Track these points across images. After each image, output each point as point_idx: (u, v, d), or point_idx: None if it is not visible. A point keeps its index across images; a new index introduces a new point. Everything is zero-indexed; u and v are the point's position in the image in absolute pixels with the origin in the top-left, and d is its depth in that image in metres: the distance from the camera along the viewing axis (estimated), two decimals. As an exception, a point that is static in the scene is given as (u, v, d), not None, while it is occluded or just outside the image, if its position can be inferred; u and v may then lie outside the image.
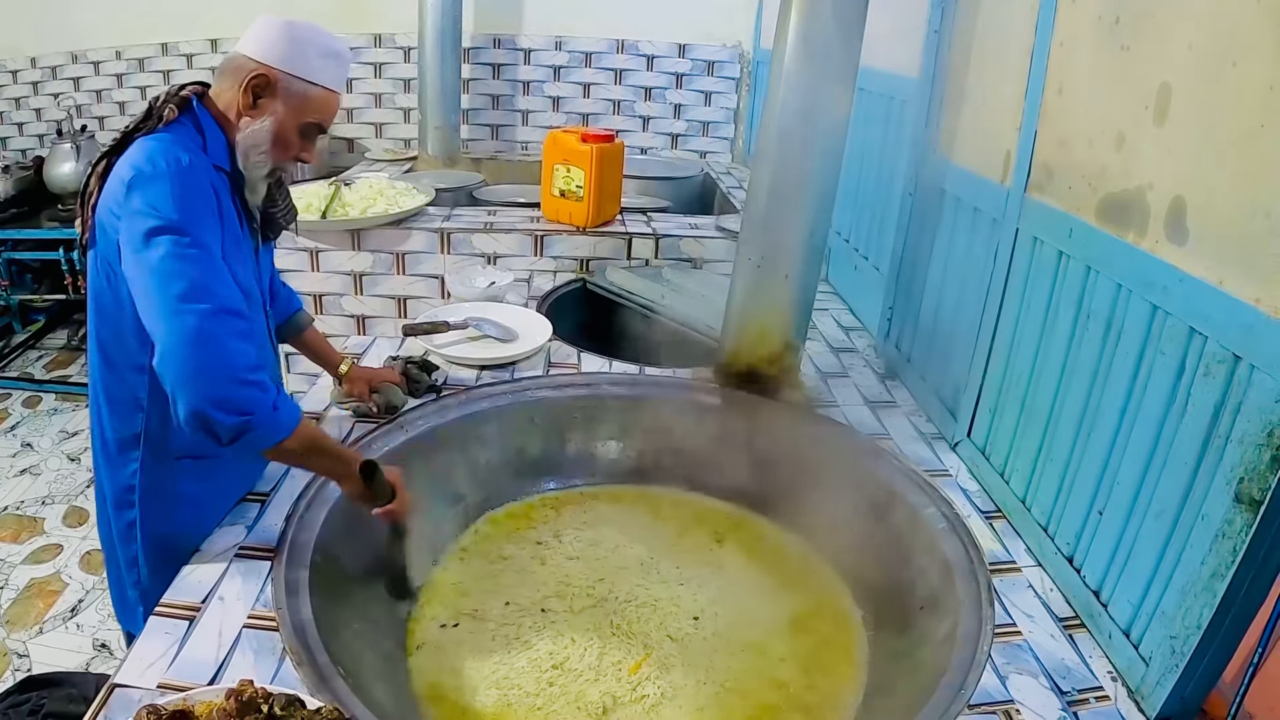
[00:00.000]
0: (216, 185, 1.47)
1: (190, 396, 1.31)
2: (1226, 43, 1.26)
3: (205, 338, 1.32)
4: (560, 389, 2.21)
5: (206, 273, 1.36)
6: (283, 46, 1.49)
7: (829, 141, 2.00)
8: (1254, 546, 1.17)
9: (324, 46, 1.52)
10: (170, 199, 1.35)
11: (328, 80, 1.54)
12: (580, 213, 3.22)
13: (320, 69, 1.52)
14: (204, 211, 1.40)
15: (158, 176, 1.36)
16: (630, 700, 1.54)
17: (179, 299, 1.32)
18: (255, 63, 1.49)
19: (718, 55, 4.84)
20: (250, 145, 1.51)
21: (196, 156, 1.43)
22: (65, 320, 5.06)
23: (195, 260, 1.35)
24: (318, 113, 1.55)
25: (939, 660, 1.46)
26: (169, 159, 1.38)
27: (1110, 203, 1.52)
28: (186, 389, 1.31)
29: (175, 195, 1.36)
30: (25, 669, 2.60)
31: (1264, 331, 1.15)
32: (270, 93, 1.50)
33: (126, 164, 1.39)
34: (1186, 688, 1.30)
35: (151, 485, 1.60)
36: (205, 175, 1.43)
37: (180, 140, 1.44)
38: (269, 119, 1.50)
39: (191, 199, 1.38)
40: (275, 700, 1.07)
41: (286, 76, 1.49)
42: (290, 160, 1.58)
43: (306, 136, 1.57)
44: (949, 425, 2.11)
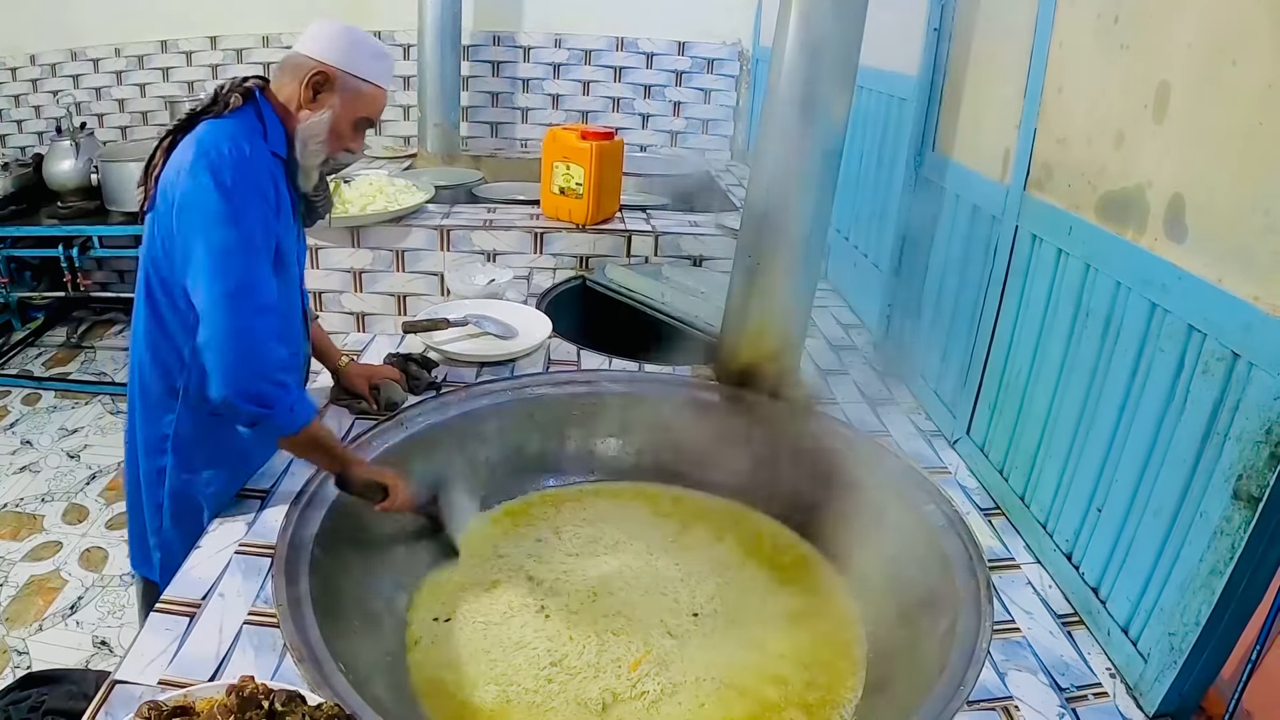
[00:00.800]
0: (274, 172, 1.61)
1: (223, 384, 1.49)
2: (1225, 41, 1.26)
3: (246, 337, 1.49)
4: (560, 386, 2.21)
5: (252, 270, 1.51)
6: (341, 47, 1.63)
7: (828, 139, 2.00)
8: (1252, 543, 1.18)
9: (375, 48, 1.68)
10: (231, 187, 1.49)
11: (378, 78, 1.68)
12: (580, 210, 3.22)
13: (372, 68, 1.67)
14: (259, 202, 1.54)
15: (222, 162, 1.49)
16: (630, 697, 1.54)
17: (228, 296, 1.48)
18: (315, 61, 1.63)
19: (717, 53, 4.83)
20: (309, 135, 1.65)
21: (257, 145, 1.57)
22: (64, 318, 5.06)
23: (244, 256, 1.50)
24: (368, 108, 1.69)
25: (938, 657, 1.46)
26: (233, 146, 1.51)
27: (1109, 200, 1.52)
28: (221, 377, 1.49)
29: (236, 184, 1.49)
30: (25, 666, 2.60)
31: (1262, 329, 1.16)
32: (329, 88, 1.64)
33: (194, 140, 1.52)
34: (1185, 684, 1.30)
35: (185, 436, 1.70)
36: (264, 164, 1.58)
37: (243, 128, 1.57)
38: (327, 112, 1.64)
39: (249, 189, 1.52)
40: (276, 696, 1.07)
41: (343, 74, 1.64)
42: (342, 151, 1.72)
43: (358, 129, 1.71)
44: (948, 422, 2.11)
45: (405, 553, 1.82)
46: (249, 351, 1.49)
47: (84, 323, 5.06)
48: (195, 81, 4.88)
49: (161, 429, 1.70)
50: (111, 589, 2.98)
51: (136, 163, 3.98)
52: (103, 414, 4.15)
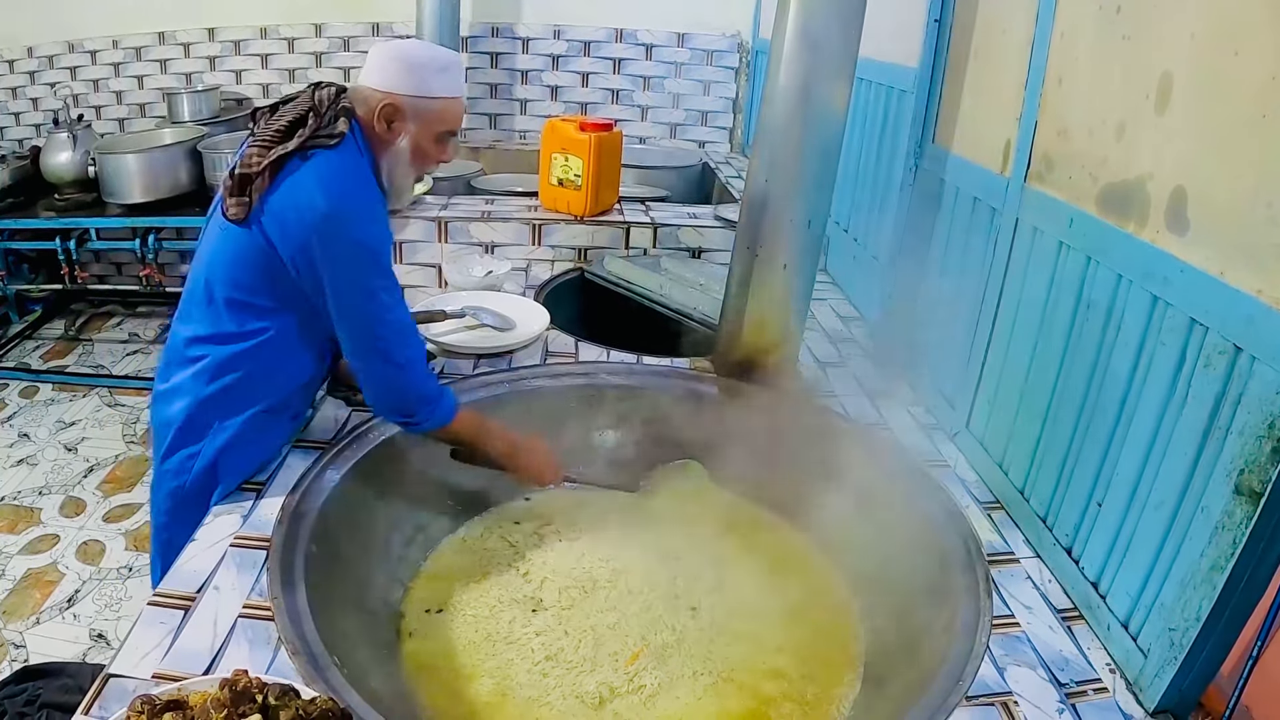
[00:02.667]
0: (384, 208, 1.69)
1: (381, 412, 1.79)
2: (1228, 32, 1.25)
3: (398, 385, 1.68)
4: (558, 378, 2.20)
5: (400, 313, 1.65)
6: (401, 72, 1.64)
7: (828, 131, 1.99)
8: (1254, 539, 1.17)
9: (438, 62, 1.67)
10: (377, 240, 1.60)
11: (448, 90, 1.69)
12: (578, 202, 3.20)
13: (439, 84, 1.67)
14: (388, 247, 1.66)
15: (365, 216, 1.58)
16: (627, 691, 1.53)
17: (384, 348, 1.64)
18: (381, 93, 1.64)
19: (716, 44, 4.82)
20: (394, 165, 1.70)
21: (374, 188, 1.65)
22: (62, 310, 5.05)
23: (395, 302, 1.64)
24: (446, 121, 1.71)
25: (937, 651, 1.45)
26: (368, 196, 1.62)
27: (1111, 193, 1.51)
28: (379, 409, 1.76)
29: (380, 236, 1.61)
30: (22, 659, 2.60)
31: (1265, 322, 1.15)
32: (400, 116, 1.65)
33: (320, 186, 1.55)
34: (1185, 680, 1.29)
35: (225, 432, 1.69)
36: (384, 206, 1.67)
37: (360, 165, 1.64)
38: (404, 139, 1.67)
39: (387, 236, 1.64)
40: (270, 690, 1.06)
41: (411, 99, 1.64)
42: (432, 165, 1.76)
43: (441, 142, 1.73)
44: (947, 416, 2.11)
45: (400, 545, 1.81)
46: (402, 394, 1.69)
47: (81, 315, 5.05)
48: (193, 74, 4.86)
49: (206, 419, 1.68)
50: (109, 582, 2.97)
51: (134, 155, 3.99)
52: (100, 407, 4.14)
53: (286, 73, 4.87)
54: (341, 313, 1.62)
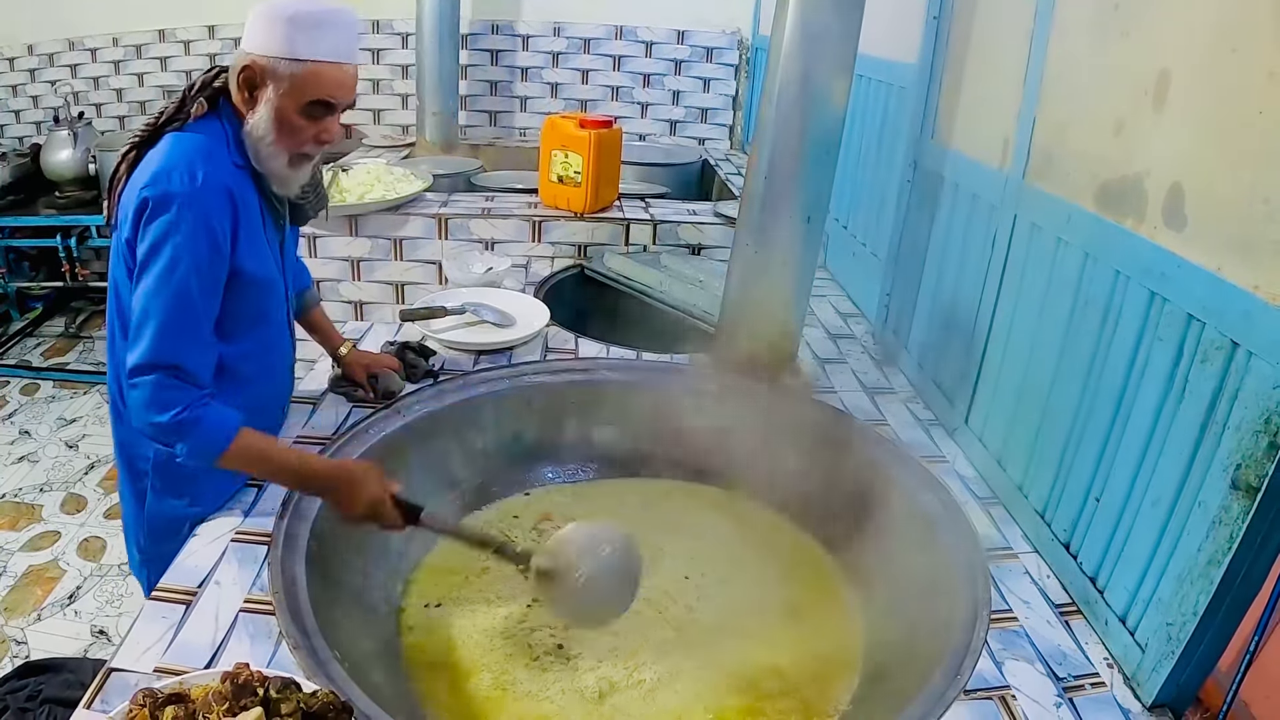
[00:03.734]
0: (237, 190, 1.49)
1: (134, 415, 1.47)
2: (1226, 29, 1.25)
3: (142, 404, 1.43)
4: (557, 374, 2.21)
5: (173, 321, 1.42)
6: (262, 31, 1.45)
7: (827, 127, 1.99)
8: (1250, 533, 1.17)
9: (311, 17, 1.44)
10: (176, 228, 1.40)
11: (317, 53, 1.45)
12: (578, 198, 3.21)
13: (305, 43, 1.44)
14: (203, 243, 1.43)
15: (170, 199, 1.40)
16: (627, 686, 1.54)
17: (135, 357, 1.42)
18: (244, 54, 1.47)
19: (716, 41, 4.82)
20: (256, 139, 1.50)
21: (216, 167, 1.46)
22: (63, 308, 5.05)
23: (168, 305, 1.41)
24: (318, 90, 1.47)
25: (935, 646, 1.46)
26: (185, 176, 1.41)
27: (1109, 189, 1.51)
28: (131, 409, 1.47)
29: (181, 225, 1.40)
30: (23, 656, 2.60)
31: (1262, 318, 1.15)
32: (261, 82, 1.47)
33: (149, 167, 1.43)
34: (1182, 675, 1.30)
35: (164, 459, 1.61)
36: (220, 193, 1.45)
37: (204, 145, 1.46)
38: (264, 107, 1.48)
39: (195, 230, 1.41)
40: (271, 683, 1.07)
41: (273, 61, 1.45)
42: (309, 144, 1.53)
43: (314, 116, 1.50)
44: (946, 412, 2.11)
45: (399, 539, 1.81)
46: (143, 414, 1.43)
47: (82, 313, 5.05)
48: (193, 70, 4.86)
49: (143, 450, 1.64)
50: (110, 578, 2.98)
51: (134, 152, 3.99)
52: (101, 404, 4.14)
53: (286, 70, 4.86)
54: (134, 293, 1.44)
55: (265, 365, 1.71)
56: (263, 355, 1.69)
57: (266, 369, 1.73)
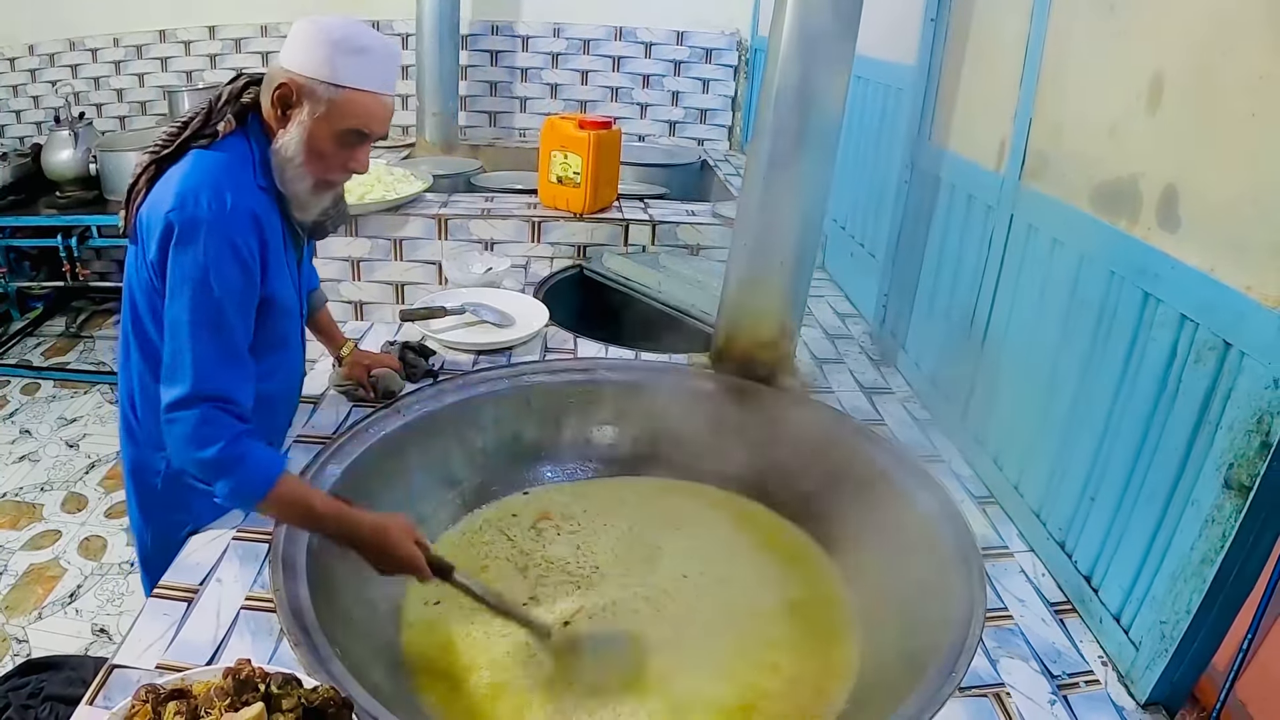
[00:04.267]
0: (262, 214, 1.46)
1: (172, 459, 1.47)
2: (1219, 32, 1.26)
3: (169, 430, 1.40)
4: (556, 374, 2.22)
5: (212, 351, 1.39)
6: (306, 50, 1.41)
7: (825, 129, 2.00)
8: (1243, 532, 1.18)
9: (355, 43, 1.41)
10: (204, 252, 1.36)
11: (359, 81, 1.42)
12: (577, 199, 3.22)
13: (346, 70, 1.41)
14: (232, 267, 1.40)
15: (198, 224, 1.36)
16: (625, 684, 1.55)
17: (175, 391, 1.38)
18: (282, 71, 1.43)
19: (715, 42, 4.83)
20: (283, 160, 1.46)
21: (242, 189, 1.42)
22: (63, 308, 5.05)
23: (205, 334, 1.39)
24: (354, 118, 1.44)
25: (931, 644, 1.47)
26: (213, 200, 1.37)
27: (1103, 190, 1.53)
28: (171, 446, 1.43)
29: (209, 249, 1.37)
30: (24, 654, 2.61)
31: (1254, 319, 1.16)
32: (297, 102, 1.43)
33: (175, 186, 1.39)
34: (1176, 672, 1.31)
35: (176, 475, 1.56)
36: (247, 218, 1.42)
37: (231, 164, 1.43)
38: (297, 129, 1.44)
39: (223, 254, 1.38)
40: (272, 679, 1.08)
41: (311, 82, 1.41)
42: (336, 171, 1.51)
43: (346, 145, 1.47)
44: (943, 412, 2.12)
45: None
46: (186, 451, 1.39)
47: (83, 312, 5.06)
48: (194, 71, 4.88)
49: (154, 464, 1.62)
50: (110, 577, 2.99)
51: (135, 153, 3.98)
52: (101, 403, 4.15)
53: (287, 70, 4.87)
54: (166, 323, 1.41)
55: (280, 386, 1.71)
56: (279, 376, 1.69)
57: (281, 389, 1.73)
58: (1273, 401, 1.13)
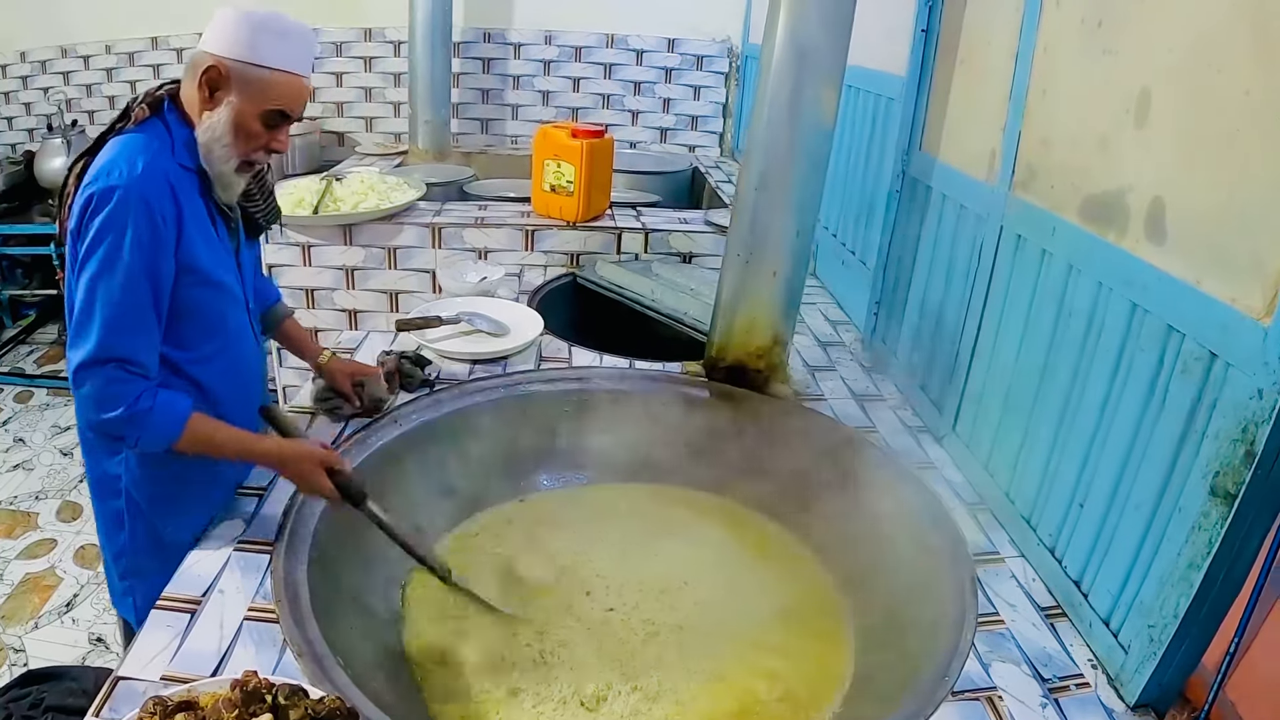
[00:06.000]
0: (179, 186, 1.49)
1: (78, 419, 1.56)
2: (1206, 48, 1.29)
3: (90, 401, 1.44)
4: (551, 383, 2.23)
5: (119, 313, 1.43)
6: (232, 34, 1.47)
7: (817, 138, 2.03)
8: (1229, 538, 1.21)
9: (279, 27, 1.50)
10: (118, 220, 1.40)
11: (283, 63, 1.51)
12: (570, 207, 3.24)
13: (273, 52, 1.49)
14: (145, 224, 1.42)
15: (112, 190, 1.39)
16: (625, 691, 1.57)
17: (80, 353, 1.43)
18: (208, 55, 1.48)
19: (707, 50, 4.85)
20: (211, 139, 1.51)
21: (157, 158, 1.46)
22: (56, 315, 5.04)
23: (113, 296, 1.42)
24: (279, 99, 1.52)
25: (924, 648, 1.49)
26: (128, 168, 1.41)
27: (1092, 202, 1.55)
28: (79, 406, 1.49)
29: (123, 217, 1.40)
30: (22, 664, 2.62)
31: (1239, 330, 1.19)
32: (225, 84, 1.49)
33: (97, 166, 1.43)
34: (1164, 675, 1.33)
35: (136, 477, 1.64)
36: (161, 180, 1.45)
37: (146, 142, 1.47)
38: (225, 109, 1.49)
39: (137, 212, 1.41)
40: (279, 690, 1.09)
41: (239, 64, 1.48)
42: (259, 151, 1.57)
43: (271, 125, 1.54)
44: (934, 419, 2.14)
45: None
46: (89, 402, 1.45)
47: (74, 320, 5.05)
48: (185, 78, 4.87)
49: (111, 469, 1.64)
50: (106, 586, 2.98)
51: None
52: (95, 411, 4.15)
53: (279, 77, 4.88)
54: (70, 287, 1.46)
55: (230, 374, 1.70)
56: (225, 363, 1.68)
57: (232, 377, 1.71)
58: (1257, 411, 1.15)
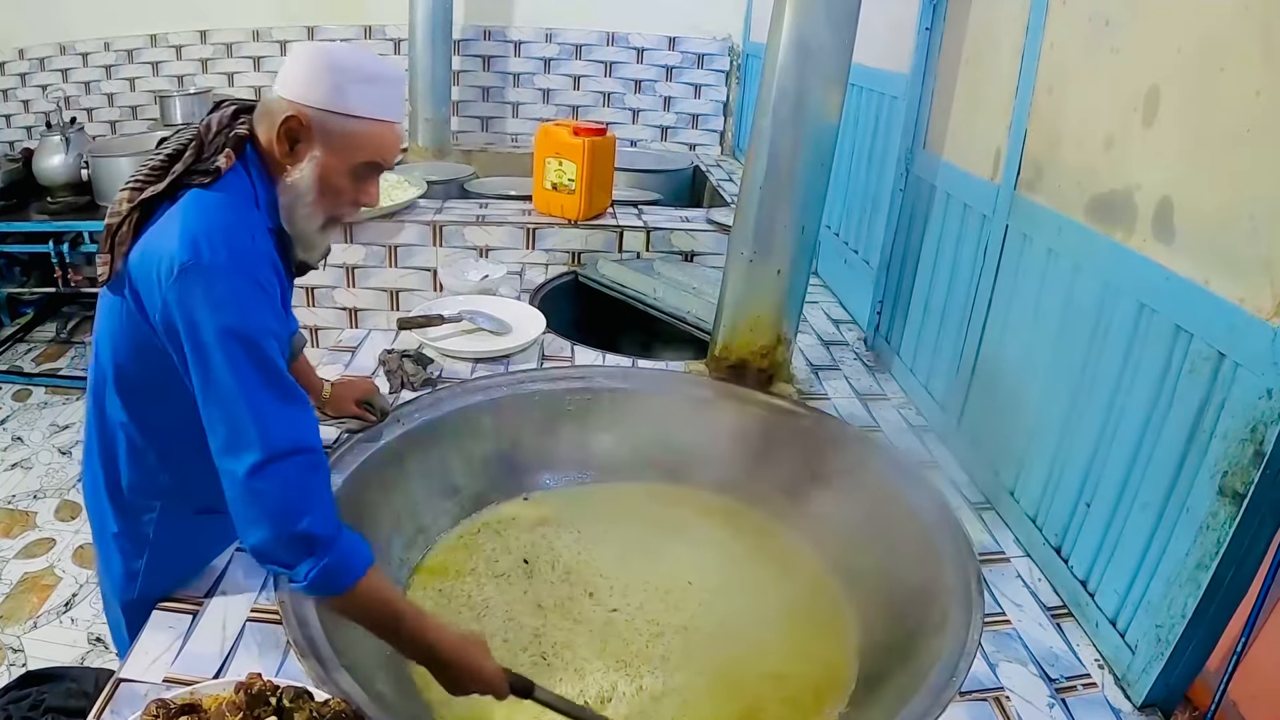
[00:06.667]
0: (273, 253, 1.33)
1: (249, 547, 1.25)
2: (1215, 48, 1.28)
3: (255, 499, 1.22)
4: (554, 381, 2.23)
5: (268, 404, 1.23)
6: (313, 80, 1.29)
7: (821, 138, 2.02)
8: (1237, 538, 1.21)
9: (365, 70, 1.31)
10: (234, 300, 1.21)
11: (373, 110, 1.32)
12: (572, 205, 3.23)
13: (361, 98, 1.31)
14: (266, 310, 1.26)
15: (219, 270, 1.20)
16: (629, 693, 1.56)
17: (246, 460, 1.20)
18: (286, 103, 1.30)
19: (707, 48, 4.85)
20: (294, 199, 1.34)
21: (259, 233, 1.30)
22: (54, 313, 5.03)
23: (264, 382, 1.23)
24: (370, 150, 1.34)
25: (930, 649, 1.49)
26: (232, 245, 1.22)
27: (1099, 202, 1.55)
28: (245, 540, 1.25)
29: (239, 295, 1.22)
30: (21, 664, 2.60)
31: (1247, 330, 1.18)
32: (307, 136, 1.31)
33: (178, 232, 1.21)
34: (1171, 675, 1.33)
35: (165, 538, 1.47)
36: (267, 256, 1.30)
37: (238, 205, 1.29)
38: (309, 166, 1.32)
39: (256, 298, 1.24)
40: (284, 693, 1.09)
41: (322, 114, 1.30)
42: (347, 206, 1.39)
43: (361, 178, 1.37)
44: (939, 417, 2.14)
45: (400, 548, 1.83)
46: (271, 503, 1.22)
47: (73, 318, 5.04)
48: (185, 76, 4.87)
49: (140, 528, 1.46)
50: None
51: (127, 158, 3.98)
52: (94, 409, 4.14)
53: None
54: (202, 392, 1.23)
55: None
56: None
57: None
58: (1266, 412, 1.15)
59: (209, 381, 1.21)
